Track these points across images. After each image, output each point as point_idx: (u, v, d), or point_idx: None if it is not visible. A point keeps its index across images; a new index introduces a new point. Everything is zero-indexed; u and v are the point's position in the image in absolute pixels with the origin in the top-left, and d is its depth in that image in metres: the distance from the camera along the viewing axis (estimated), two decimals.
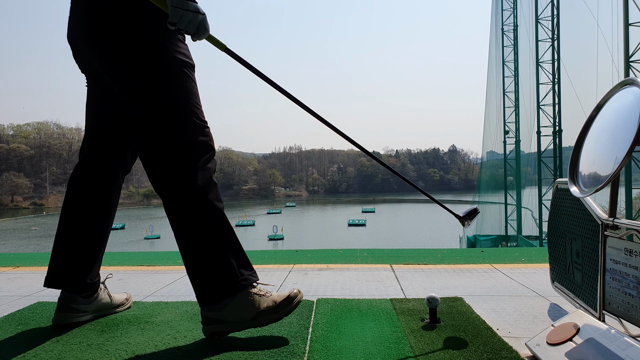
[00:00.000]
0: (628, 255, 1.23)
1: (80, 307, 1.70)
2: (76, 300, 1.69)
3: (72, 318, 1.68)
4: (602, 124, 1.41)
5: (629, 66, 12.60)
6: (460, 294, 2.09)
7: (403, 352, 1.39)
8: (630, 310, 1.22)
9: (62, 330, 1.63)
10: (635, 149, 1.19)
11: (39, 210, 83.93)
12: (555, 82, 19.32)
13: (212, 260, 1.51)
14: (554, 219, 1.78)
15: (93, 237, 1.70)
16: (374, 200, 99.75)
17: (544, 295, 2.07)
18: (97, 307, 1.76)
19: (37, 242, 39.37)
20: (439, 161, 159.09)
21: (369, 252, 3.45)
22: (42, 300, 2.10)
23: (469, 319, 1.69)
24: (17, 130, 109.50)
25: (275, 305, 1.54)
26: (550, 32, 19.44)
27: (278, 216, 61.89)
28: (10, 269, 2.97)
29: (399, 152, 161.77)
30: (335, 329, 1.61)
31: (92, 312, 1.75)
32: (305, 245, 33.27)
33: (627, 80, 1.34)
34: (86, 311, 1.72)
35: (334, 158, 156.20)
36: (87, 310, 1.72)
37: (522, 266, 2.76)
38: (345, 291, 2.20)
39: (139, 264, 3.03)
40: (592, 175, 1.38)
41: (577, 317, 1.36)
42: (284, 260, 3.07)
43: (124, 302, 1.89)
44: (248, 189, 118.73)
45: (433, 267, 2.75)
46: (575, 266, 1.58)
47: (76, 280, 1.68)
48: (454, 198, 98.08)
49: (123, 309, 1.88)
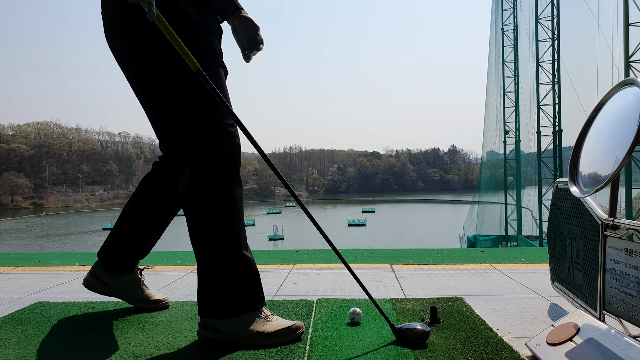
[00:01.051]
0: (628, 255, 1.23)
1: (100, 277, 1.82)
2: (100, 269, 1.82)
3: (92, 283, 1.83)
4: (602, 124, 1.41)
5: (629, 66, 12.60)
6: (460, 294, 2.08)
7: (403, 352, 1.39)
8: (630, 310, 1.22)
9: (63, 330, 1.63)
10: (635, 149, 1.19)
11: (39, 210, 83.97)
12: (555, 82, 19.33)
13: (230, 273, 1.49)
14: (554, 219, 1.78)
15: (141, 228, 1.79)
16: (374, 200, 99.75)
17: (544, 295, 2.07)
18: (119, 287, 1.83)
19: (37, 242, 39.37)
20: (439, 161, 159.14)
21: (369, 252, 3.45)
22: (42, 300, 2.10)
23: (469, 319, 1.69)
24: (17, 130, 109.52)
25: (274, 331, 1.49)
26: (550, 32, 19.45)
27: (278, 216, 61.91)
28: (10, 269, 2.97)
29: (399, 152, 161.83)
30: (335, 329, 1.60)
31: (115, 290, 1.83)
32: (305, 245, 33.25)
33: (627, 80, 1.34)
34: (105, 282, 1.82)
35: (334, 158, 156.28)
36: (108, 282, 1.82)
37: (522, 266, 2.76)
38: (345, 291, 2.20)
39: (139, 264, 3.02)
40: (592, 175, 1.38)
41: (577, 317, 1.36)
42: (284, 260, 3.07)
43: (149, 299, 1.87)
44: (248, 189, 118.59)
45: (433, 267, 2.75)
46: (575, 266, 1.58)
47: (105, 253, 1.82)
48: (454, 198, 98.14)
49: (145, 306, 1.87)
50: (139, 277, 1.87)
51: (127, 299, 1.86)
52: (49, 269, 2.92)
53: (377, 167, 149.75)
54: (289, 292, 2.21)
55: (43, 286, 2.43)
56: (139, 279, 1.87)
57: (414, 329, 1.46)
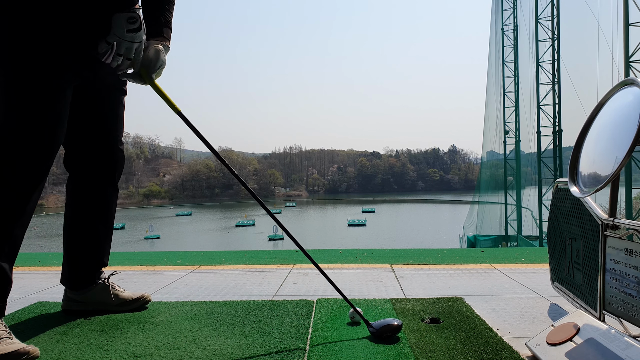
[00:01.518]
0: (628, 255, 1.23)
1: (73, 297, 1.85)
2: (69, 292, 1.86)
3: (67, 306, 1.86)
4: (602, 124, 1.41)
5: (629, 66, 12.60)
6: (460, 294, 2.08)
7: (403, 352, 1.39)
8: (630, 310, 1.22)
9: (63, 330, 1.63)
10: (635, 149, 1.19)
11: (39, 210, 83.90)
12: (555, 82, 19.32)
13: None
14: (554, 219, 1.78)
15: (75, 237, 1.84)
16: (374, 200, 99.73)
17: (544, 295, 2.07)
18: (93, 301, 1.85)
19: (37, 242, 39.35)
20: (439, 161, 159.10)
21: (369, 252, 3.45)
22: (42, 300, 2.10)
23: (469, 319, 1.69)
24: None
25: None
26: (550, 32, 19.44)
27: (278, 216, 61.26)
28: None
29: (399, 152, 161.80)
30: (335, 329, 1.60)
31: (90, 304, 1.85)
32: (305, 245, 33.10)
33: (627, 80, 1.34)
34: (78, 300, 1.85)
35: (334, 158, 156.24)
36: (80, 299, 1.85)
37: (522, 266, 2.76)
38: (345, 291, 2.19)
39: (139, 264, 3.03)
40: (592, 175, 1.38)
41: (577, 317, 1.36)
42: (284, 260, 3.07)
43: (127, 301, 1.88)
44: None
45: (433, 267, 2.75)
46: (575, 266, 1.58)
47: (64, 273, 1.86)
48: (454, 198, 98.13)
49: (127, 309, 1.87)
50: (107, 285, 1.87)
51: (106, 307, 1.86)
52: (49, 269, 2.92)
53: (377, 167, 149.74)
54: (289, 292, 2.21)
55: (43, 286, 2.43)
56: (108, 286, 1.87)
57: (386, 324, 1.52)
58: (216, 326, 1.66)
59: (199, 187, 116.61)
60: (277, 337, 1.53)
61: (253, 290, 2.25)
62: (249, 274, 2.65)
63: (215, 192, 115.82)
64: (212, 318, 1.75)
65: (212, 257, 3.30)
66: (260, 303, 1.94)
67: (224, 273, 2.68)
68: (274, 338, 1.52)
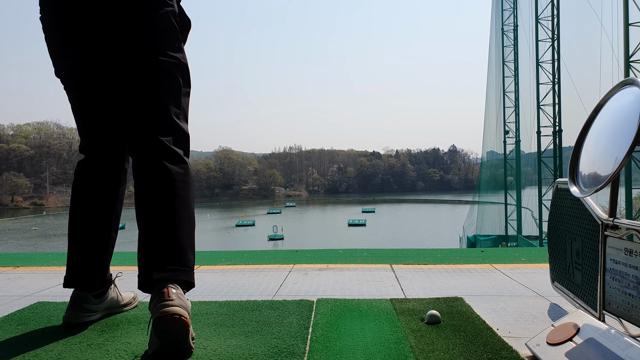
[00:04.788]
0: (628, 255, 1.23)
1: (91, 307, 1.69)
2: (88, 300, 1.68)
3: (83, 317, 1.67)
4: (602, 124, 1.41)
5: (629, 66, 12.60)
6: (460, 294, 2.08)
7: (403, 352, 1.39)
8: (630, 310, 1.22)
9: (63, 330, 1.63)
10: (635, 149, 1.19)
11: (39, 210, 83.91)
12: (555, 82, 19.31)
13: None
14: (554, 219, 1.78)
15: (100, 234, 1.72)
16: (374, 200, 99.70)
17: (544, 295, 2.07)
18: (106, 306, 1.76)
19: (37, 242, 39.35)
20: (439, 161, 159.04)
21: (369, 252, 3.44)
22: (42, 300, 2.10)
23: (469, 319, 1.69)
24: (17, 130, 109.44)
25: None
26: (550, 32, 19.44)
27: (278, 216, 61.90)
28: (10, 269, 2.97)
29: (399, 152, 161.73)
30: (335, 329, 1.60)
31: (102, 311, 1.75)
32: (305, 245, 33.29)
33: (627, 80, 1.34)
34: (96, 310, 1.71)
35: (334, 158, 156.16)
36: (98, 309, 1.71)
37: (522, 266, 2.76)
38: (345, 291, 2.20)
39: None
40: (592, 175, 1.38)
41: (577, 317, 1.36)
42: (284, 260, 3.07)
43: (131, 302, 1.88)
44: (248, 189, 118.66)
45: (433, 267, 2.75)
46: (575, 266, 1.58)
47: (89, 278, 1.68)
48: (454, 198, 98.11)
49: (130, 308, 1.87)
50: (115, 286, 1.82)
51: (113, 312, 1.80)
52: (49, 269, 2.92)
53: (377, 167, 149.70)
54: (289, 292, 2.21)
55: (43, 286, 2.43)
56: (115, 288, 1.82)
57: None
58: (216, 326, 1.65)
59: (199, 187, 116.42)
60: (277, 337, 1.53)
61: (253, 290, 2.25)
62: (249, 274, 2.66)
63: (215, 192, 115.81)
64: (212, 318, 1.75)
65: (212, 257, 3.30)
66: (260, 303, 1.94)
67: (224, 273, 2.68)
68: (274, 338, 1.52)
